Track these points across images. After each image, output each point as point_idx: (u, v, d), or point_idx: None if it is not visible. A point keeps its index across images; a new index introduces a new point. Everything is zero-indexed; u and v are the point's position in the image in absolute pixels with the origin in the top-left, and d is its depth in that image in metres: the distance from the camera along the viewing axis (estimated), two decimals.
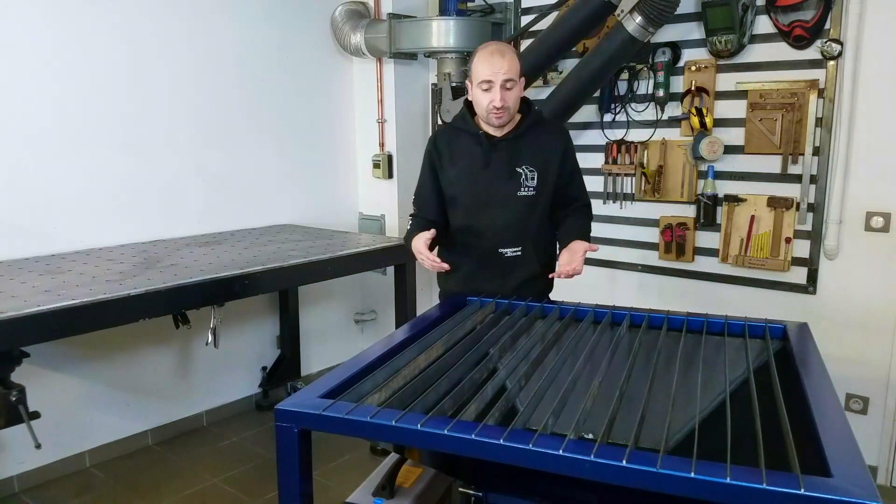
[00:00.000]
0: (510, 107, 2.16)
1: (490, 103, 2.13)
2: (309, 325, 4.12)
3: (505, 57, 2.12)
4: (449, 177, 2.31)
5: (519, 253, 2.26)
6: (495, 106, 2.13)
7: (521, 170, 2.24)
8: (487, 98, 2.13)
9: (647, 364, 1.64)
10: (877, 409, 2.98)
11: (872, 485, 1.07)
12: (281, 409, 1.41)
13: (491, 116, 2.17)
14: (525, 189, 2.24)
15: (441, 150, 2.32)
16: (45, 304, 2.19)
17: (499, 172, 2.24)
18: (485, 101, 2.14)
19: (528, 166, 2.24)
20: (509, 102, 2.14)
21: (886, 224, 2.88)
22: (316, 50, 4.03)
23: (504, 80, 2.11)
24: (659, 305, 2.17)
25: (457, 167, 2.29)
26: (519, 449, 1.21)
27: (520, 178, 2.24)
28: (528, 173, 2.24)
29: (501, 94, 2.12)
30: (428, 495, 1.84)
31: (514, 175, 2.24)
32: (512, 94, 2.15)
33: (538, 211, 2.28)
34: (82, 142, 3.11)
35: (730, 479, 1.08)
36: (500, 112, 2.15)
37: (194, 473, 3.19)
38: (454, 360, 1.67)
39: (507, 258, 2.26)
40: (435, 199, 2.35)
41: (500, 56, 2.12)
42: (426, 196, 2.36)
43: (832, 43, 2.87)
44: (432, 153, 2.34)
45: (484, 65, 2.12)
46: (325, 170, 4.18)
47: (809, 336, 1.80)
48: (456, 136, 2.32)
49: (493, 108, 2.14)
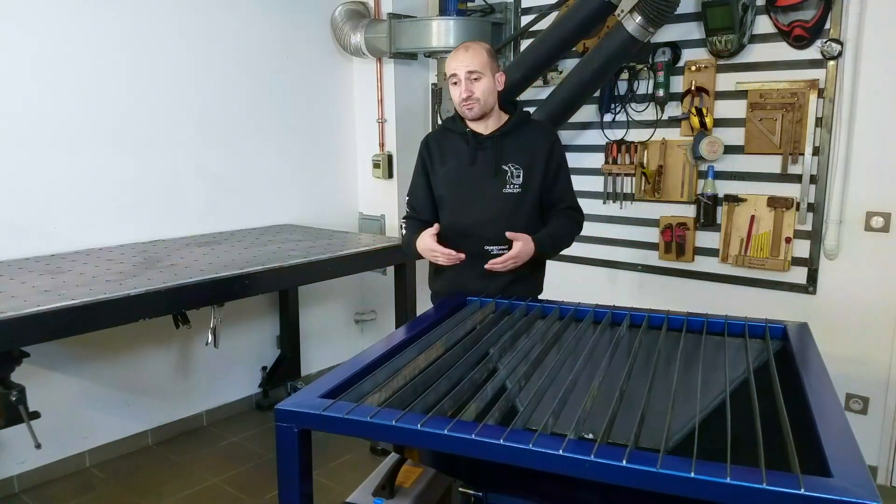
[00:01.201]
0: (479, 97, 2.20)
1: (459, 96, 2.21)
2: (309, 325, 4.12)
3: (469, 51, 2.20)
4: (438, 176, 2.35)
5: (506, 251, 2.24)
6: (463, 98, 2.19)
7: (506, 167, 2.27)
8: (457, 91, 2.21)
9: (647, 364, 1.64)
10: (877, 409, 2.98)
11: (872, 485, 1.07)
12: (281, 409, 1.41)
13: (463, 108, 2.23)
14: (510, 186, 2.27)
15: (432, 151, 2.37)
16: (45, 304, 2.19)
17: (484, 169, 2.28)
18: (455, 94, 2.23)
19: (513, 164, 2.27)
20: (477, 93, 2.19)
21: (886, 224, 2.88)
22: (316, 50, 4.03)
23: (468, 72, 2.18)
24: (659, 305, 2.16)
25: (445, 166, 2.33)
26: (519, 449, 1.21)
27: (505, 176, 2.27)
28: (514, 171, 2.27)
29: (466, 86, 2.18)
30: (428, 495, 1.84)
31: (500, 172, 2.27)
32: (479, 86, 2.20)
33: (524, 209, 2.29)
34: (82, 142, 3.11)
35: (730, 478, 1.08)
36: (468, 103, 2.20)
37: (194, 473, 3.19)
38: (454, 360, 1.67)
39: (493, 256, 2.24)
40: (429, 200, 2.38)
41: (464, 50, 2.21)
42: (420, 197, 2.40)
43: (832, 43, 2.87)
44: (423, 154, 2.39)
45: (450, 60, 2.22)
46: (325, 170, 4.18)
47: (809, 336, 1.80)
48: (446, 137, 2.37)
49: (461, 101, 2.21)
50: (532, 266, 2.31)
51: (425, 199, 2.38)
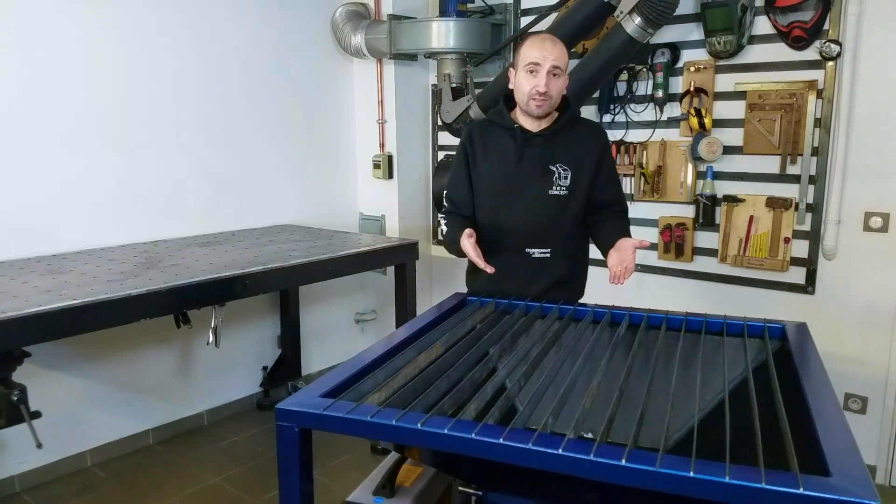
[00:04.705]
0: (553, 96, 2.08)
1: (533, 88, 2.06)
2: (309, 325, 4.13)
3: (557, 45, 2.07)
4: (480, 171, 2.23)
5: (548, 255, 2.17)
6: (538, 91, 2.05)
7: (554, 167, 2.16)
8: (531, 83, 2.06)
9: (646, 364, 1.65)
10: (875, 409, 2.99)
11: (871, 484, 1.07)
12: (282, 409, 1.41)
13: (531, 103, 2.09)
14: (557, 188, 2.16)
15: (475, 143, 2.24)
16: (46, 304, 2.19)
17: (531, 169, 2.17)
18: (528, 85, 2.07)
19: (562, 164, 2.16)
20: (553, 91, 2.07)
21: (885, 224, 2.89)
22: (316, 51, 4.04)
23: (552, 66, 2.04)
24: (658, 305, 2.17)
25: (489, 161, 2.22)
26: (519, 448, 1.21)
27: (552, 177, 2.16)
28: (562, 172, 2.16)
29: (547, 80, 2.05)
30: (428, 494, 1.85)
31: (547, 172, 2.16)
32: (557, 83, 2.08)
33: (570, 212, 2.19)
34: (83, 142, 3.11)
35: (729, 478, 1.08)
36: (542, 99, 2.07)
37: (195, 473, 3.19)
38: (454, 360, 1.67)
39: (534, 259, 2.18)
40: (471, 195, 2.26)
41: (551, 42, 2.07)
42: (463, 192, 2.27)
43: (831, 44, 2.87)
44: (466, 146, 2.25)
45: (534, 48, 2.06)
46: (325, 170, 4.19)
47: (808, 336, 1.81)
48: (491, 130, 2.24)
49: (535, 94, 2.06)
50: (572, 270, 2.24)
51: (468, 194, 2.26)
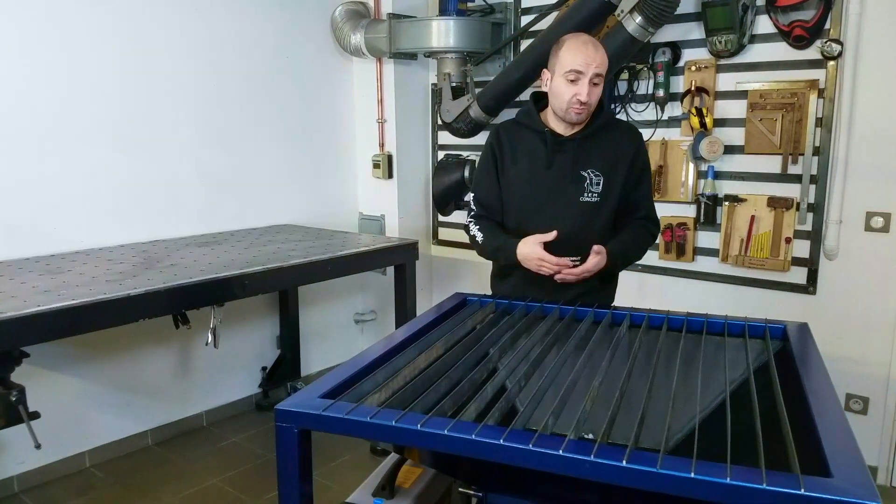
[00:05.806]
0: (593, 104, 2.02)
1: (575, 96, 1.98)
2: (309, 325, 4.12)
3: (599, 50, 1.98)
4: (508, 175, 2.15)
5: (578, 263, 2.05)
6: (580, 100, 1.98)
7: (586, 173, 2.09)
8: (572, 91, 1.98)
9: (646, 364, 1.64)
10: (877, 409, 2.98)
11: (872, 485, 1.07)
12: (281, 410, 1.41)
13: (571, 111, 2.01)
14: (589, 195, 2.09)
15: (504, 146, 2.16)
16: (44, 305, 2.19)
17: (562, 175, 2.09)
18: (568, 93, 1.99)
19: (594, 170, 2.09)
20: (593, 99, 2.01)
21: (886, 224, 2.88)
22: (316, 50, 4.03)
23: (595, 74, 1.97)
24: (659, 305, 2.16)
25: (517, 165, 2.14)
26: (519, 449, 1.21)
27: (584, 183, 2.09)
28: (594, 178, 2.09)
29: (589, 89, 1.97)
30: (428, 495, 1.84)
31: (579, 179, 2.08)
32: (597, 92, 2.01)
33: (601, 219, 2.12)
34: (82, 142, 3.11)
35: (730, 479, 1.08)
36: (582, 108, 2.00)
37: (194, 474, 3.19)
38: (454, 361, 1.66)
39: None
40: (500, 198, 2.19)
41: (594, 48, 1.97)
42: (493, 195, 2.20)
43: (832, 43, 2.86)
44: (494, 147, 2.17)
45: (576, 54, 1.96)
46: (325, 170, 4.18)
47: (809, 336, 1.80)
48: (519, 132, 2.16)
49: (576, 102, 1.98)
50: (602, 278, 2.17)
51: (499, 197, 2.18)
